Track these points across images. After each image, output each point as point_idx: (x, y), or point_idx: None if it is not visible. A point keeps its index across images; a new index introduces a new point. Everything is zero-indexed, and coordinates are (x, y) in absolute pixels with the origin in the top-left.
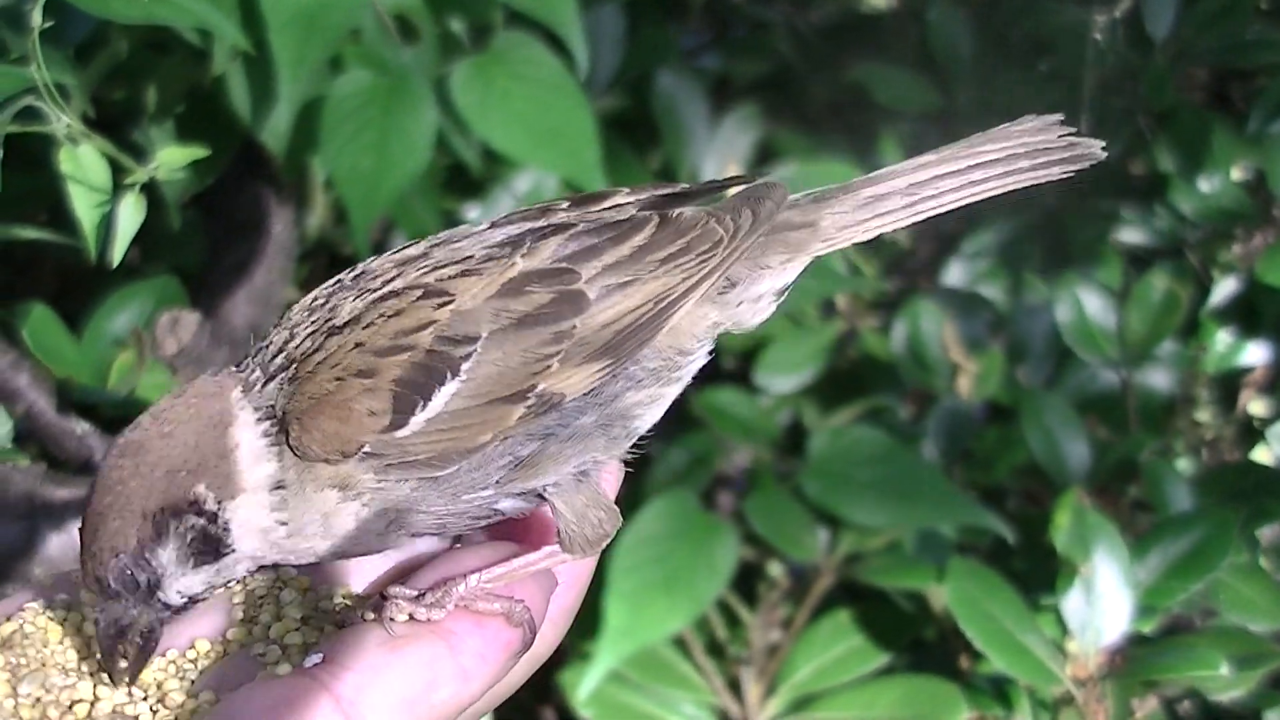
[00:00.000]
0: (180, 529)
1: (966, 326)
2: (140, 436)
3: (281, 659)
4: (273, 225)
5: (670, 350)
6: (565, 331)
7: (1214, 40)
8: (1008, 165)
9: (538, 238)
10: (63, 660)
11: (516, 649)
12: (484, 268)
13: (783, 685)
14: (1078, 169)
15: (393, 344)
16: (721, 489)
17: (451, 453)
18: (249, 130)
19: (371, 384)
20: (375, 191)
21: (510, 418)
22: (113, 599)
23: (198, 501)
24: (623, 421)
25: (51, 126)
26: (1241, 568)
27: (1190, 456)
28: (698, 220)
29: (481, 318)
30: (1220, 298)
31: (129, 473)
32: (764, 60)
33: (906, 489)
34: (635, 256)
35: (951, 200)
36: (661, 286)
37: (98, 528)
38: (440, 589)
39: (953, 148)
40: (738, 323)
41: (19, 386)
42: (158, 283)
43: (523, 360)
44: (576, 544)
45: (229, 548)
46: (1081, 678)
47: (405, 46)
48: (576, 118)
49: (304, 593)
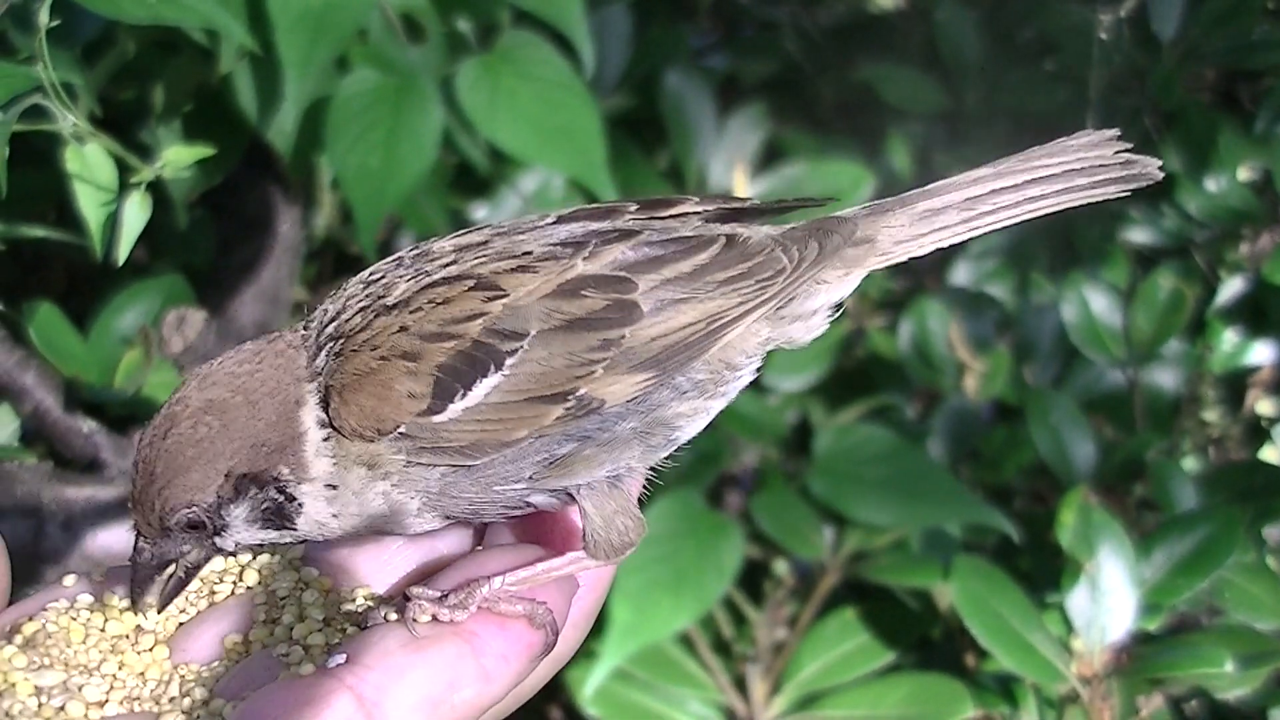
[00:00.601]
0: (259, 496)
1: (973, 326)
2: (224, 396)
3: (304, 659)
4: (280, 224)
5: (719, 364)
6: (614, 340)
7: (1221, 40)
8: (1066, 182)
9: (602, 241)
10: (85, 660)
11: (539, 651)
12: (541, 265)
13: (788, 683)
14: (1136, 188)
15: (441, 330)
16: (729, 487)
17: (486, 444)
18: (256, 130)
19: (415, 367)
20: (382, 191)
21: (548, 417)
22: (166, 537)
23: (280, 480)
24: (664, 431)
25: (58, 125)
26: (1248, 566)
27: (1197, 456)
28: (764, 247)
29: (532, 315)
30: (1227, 297)
31: (215, 431)
32: (772, 60)
33: (912, 487)
34: (695, 274)
35: (1008, 216)
36: (716, 307)
37: (175, 476)
38: (464, 590)
39: (1008, 161)
40: (790, 339)
41: (26, 385)
42: (165, 281)
43: (567, 363)
44: (601, 549)
45: (291, 524)
46: (1087, 675)
47: (412, 46)
48: (583, 117)
49: (326, 594)
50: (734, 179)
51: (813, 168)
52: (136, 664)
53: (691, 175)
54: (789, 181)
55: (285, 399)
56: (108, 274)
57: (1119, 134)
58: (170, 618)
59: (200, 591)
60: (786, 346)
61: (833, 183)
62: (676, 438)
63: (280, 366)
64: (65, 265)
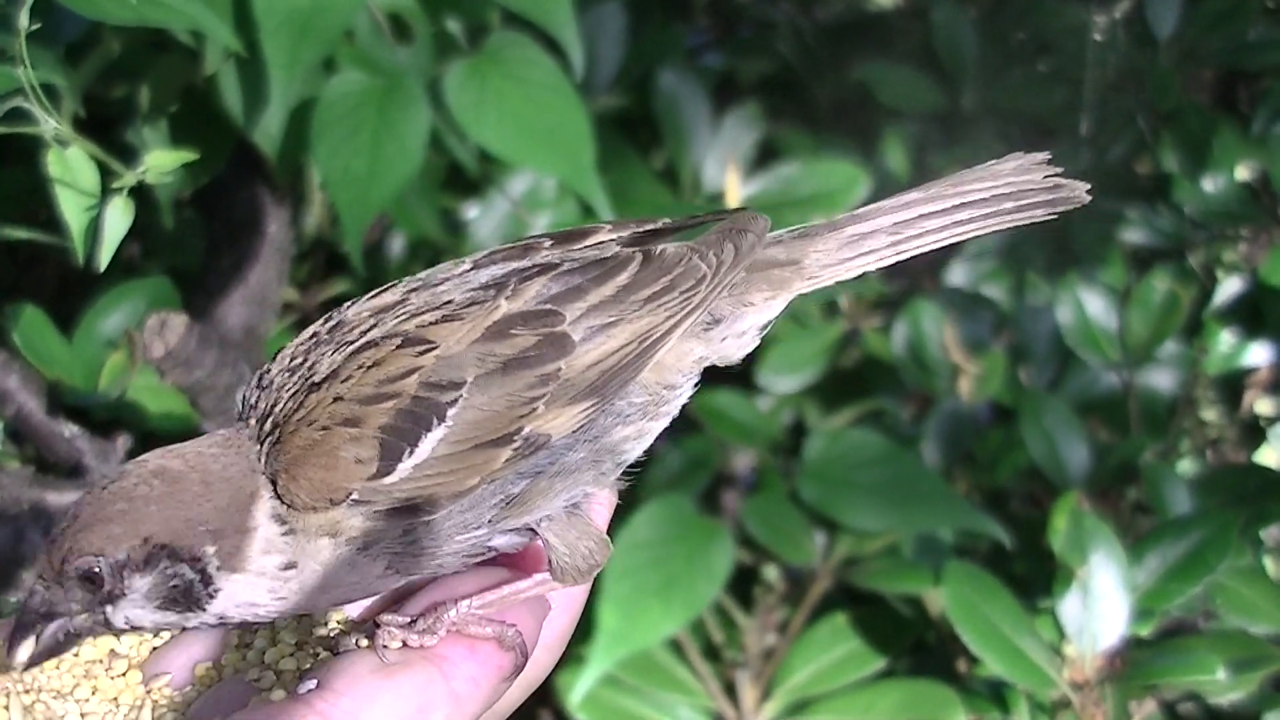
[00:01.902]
0: (168, 571)
1: (968, 327)
2: (181, 468)
3: (275, 685)
4: (269, 225)
5: (656, 386)
6: (551, 374)
7: (1218, 41)
8: (993, 206)
9: (522, 279)
10: (57, 685)
11: (508, 673)
12: (466, 312)
13: (779, 689)
14: (1061, 211)
15: (377, 392)
16: (724, 490)
17: (440, 497)
18: (242, 131)
19: (357, 432)
20: (368, 194)
21: (497, 460)
22: (59, 587)
23: (200, 560)
24: (611, 456)
25: (40, 128)
26: (1242, 570)
27: (1193, 458)
28: (681, 257)
29: (466, 363)
30: (1223, 298)
31: (155, 495)
32: (767, 59)
33: (904, 492)
34: (619, 296)
35: (934, 239)
36: (646, 325)
37: (95, 521)
38: (432, 615)
39: (939, 185)
40: (723, 357)
41: (9, 388)
42: (150, 284)
43: (508, 404)
44: (568, 574)
45: (199, 609)
46: (1079, 681)
47: (399, 47)
48: (571, 119)
49: (298, 619)
50: (727, 179)
51: (808, 168)
52: (109, 689)
53: (686, 175)
54: (784, 182)
55: (240, 491)
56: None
57: (1049, 158)
58: (143, 641)
59: None
60: (720, 364)
61: (828, 183)
62: (625, 460)
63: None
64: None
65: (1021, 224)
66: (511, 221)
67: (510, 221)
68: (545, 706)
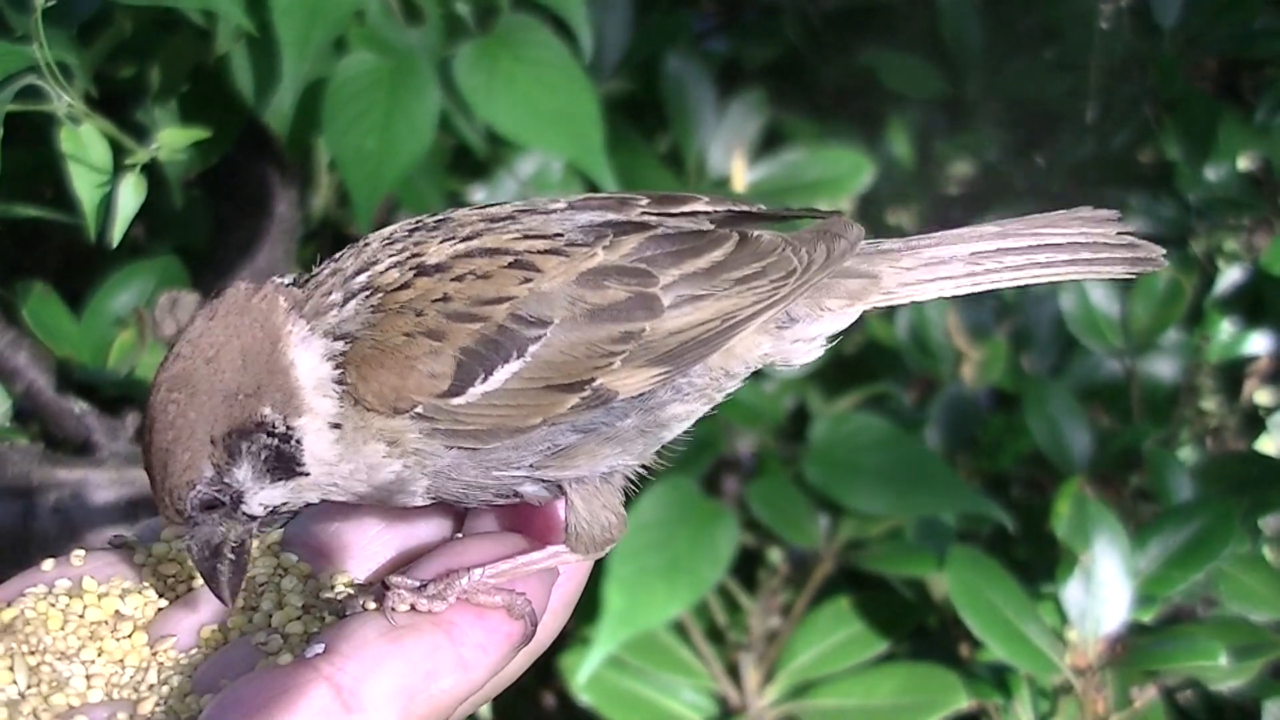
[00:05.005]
0: (253, 449)
1: (972, 314)
2: (184, 368)
3: (283, 648)
4: (277, 205)
5: (720, 370)
6: (635, 332)
7: (1223, 30)
8: (1072, 254)
9: (620, 232)
10: (63, 646)
11: (517, 641)
12: (569, 250)
13: (782, 672)
14: (1139, 272)
15: (468, 311)
16: (728, 473)
17: (500, 430)
18: (253, 110)
19: (439, 346)
20: (379, 173)
21: (563, 406)
22: (199, 525)
23: (265, 423)
24: (657, 430)
25: (53, 105)
26: (1243, 557)
27: (1194, 445)
28: (775, 246)
29: (557, 302)
30: (1225, 287)
31: (184, 405)
32: (773, 45)
33: (908, 476)
34: (712, 271)
35: (1012, 277)
36: (732, 305)
37: (167, 464)
38: (443, 580)
39: (1014, 223)
40: (786, 359)
41: (18, 365)
42: (159, 262)
43: (588, 353)
44: (584, 542)
45: (302, 467)
46: (1081, 666)
47: (410, 28)
48: (580, 101)
49: (305, 580)
50: (733, 165)
51: (813, 154)
52: (115, 651)
53: (691, 160)
54: (789, 168)
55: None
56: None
57: (1119, 216)
58: (149, 603)
59: (178, 576)
60: (780, 365)
61: (832, 169)
62: (666, 437)
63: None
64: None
65: (1098, 278)
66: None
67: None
68: (549, 688)
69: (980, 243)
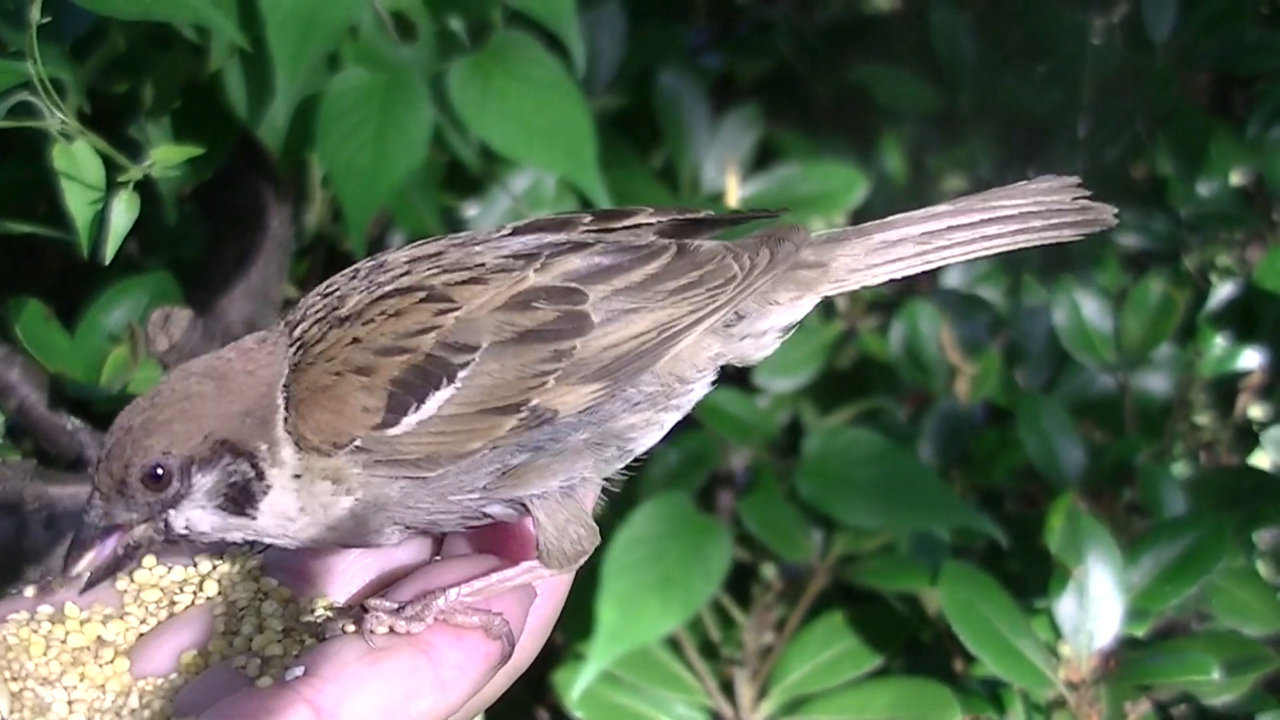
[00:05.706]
0: (229, 468)
1: (965, 328)
2: (226, 368)
3: (263, 671)
4: (271, 220)
5: (670, 377)
6: (565, 351)
7: (1214, 44)
8: (1022, 223)
9: (555, 253)
10: (45, 672)
11: (495, 661)
12: (493, 277)
13: (776, 687)
14: (1088, 232)
15: (394, 344)
16: (722, 488)
17: (440, 456)
18: (246, 126)
19: (368, 381)
20: (372, 188)
21: (502, 428)
22: (122, 497)
23: (256, 456)
24: (617, 442)
25: (46, 122)
26: (1236, 572)
27: (1187, 460)
28: (715, 254)
29: (484, 328)
30: (1217, 302)
31: (209, 392)
32: (766, 60)
33: (901, 491)
34: (646, 284)
35: (962, 252)
36: (667, 316)
37: (156, 424)
38: (420, 602)
39: (968, 200)
40: (741, 356)
41: (11, 381)
42: (152, 278)
43: (519, 374)
44: (555, 558)
45: (254, 511)
46: (1074, 681)
47: (403, 44)
48: (574, 117)
49: (285, 604)
50: (726, 180)
51: (806, 169)
52: (97, 676)
53: (685, 175)
54: (782, 183)
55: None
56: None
57: (1079, 181)
58: (131, 629)
59: (160, 602)
60: (737, 363)
61: (826, 184)
62: (630, 449)
63: (271, 354)
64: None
65: (1049, 243)
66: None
67: (511, 219)
68: (542, 704)
69: (931, 222)
